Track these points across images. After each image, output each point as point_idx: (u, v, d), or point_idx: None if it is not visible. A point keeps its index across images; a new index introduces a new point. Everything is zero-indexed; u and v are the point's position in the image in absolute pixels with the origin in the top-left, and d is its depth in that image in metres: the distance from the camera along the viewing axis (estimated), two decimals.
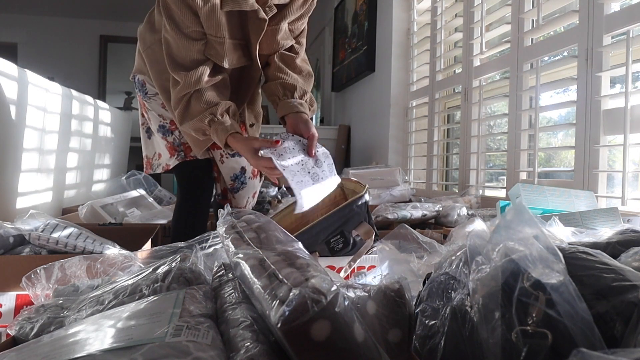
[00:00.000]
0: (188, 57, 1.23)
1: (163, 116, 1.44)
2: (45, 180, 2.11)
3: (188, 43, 1.21)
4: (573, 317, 0.41)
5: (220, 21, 1.21)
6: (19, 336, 0.67)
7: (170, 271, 0.70)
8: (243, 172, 1.51)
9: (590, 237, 0.79)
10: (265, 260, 0.54)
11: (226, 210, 0.81)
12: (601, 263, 0.49)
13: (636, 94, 1.38)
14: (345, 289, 0.60)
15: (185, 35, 1.20)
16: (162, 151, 1.47)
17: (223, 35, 1.23)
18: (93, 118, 2.73)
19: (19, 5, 5.08)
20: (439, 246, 1.13)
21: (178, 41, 1.21)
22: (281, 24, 1.31)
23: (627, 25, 1.39)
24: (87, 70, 5.49)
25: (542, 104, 1.78)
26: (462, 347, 0.50)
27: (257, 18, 1.23)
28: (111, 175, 3.23)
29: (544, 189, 1.31)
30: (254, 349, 0.47)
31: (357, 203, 1.09)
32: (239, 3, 1.18)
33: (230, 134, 1.18)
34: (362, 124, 3.44)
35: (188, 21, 1.18)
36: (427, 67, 2.69)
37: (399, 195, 2.25)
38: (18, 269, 0.91)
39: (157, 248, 1.00)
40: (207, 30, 1.21)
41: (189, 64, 1.23)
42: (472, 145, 2.22)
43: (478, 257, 0.51)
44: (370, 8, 3.16)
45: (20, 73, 1.79)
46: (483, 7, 2.11)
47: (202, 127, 1.21)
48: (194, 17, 1.18)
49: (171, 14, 1.19)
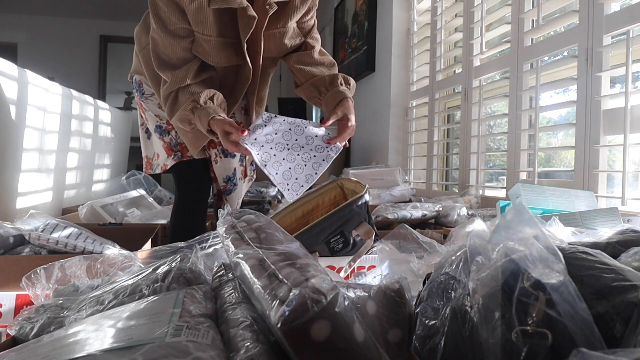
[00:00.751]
0: (174, 55, 1.23)
1: (160, 116, 1.44)
2: (45, 180, 2.11)
3: (174, 40, 1.21)
4: (573, 317, 0.41)
5: (207, 19, 1.20)
6: (19, 336, 0.67)
7: (170, 271, 0.70)
8: (234, 174, 1.52)
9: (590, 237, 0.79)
10: (265, 260, 0.54)
11: (226, 210, 0.81)
12: (601, 263, 0.49)
13: (636, 94, 1.37)
14: (345, 289, 0.60)
15: (171, 32, 1.20)
16: (160, 151, 1.47)
17: (210, 33, 1.22)
18: (93, 118, 2.73)
19: (19, 5, 5.08)
20: (439, 246, 1.13)
21: (164, 39, 1.21)
22: (288, 24, 1.31)
23: (627, 25, 1.39)
24: (87, 70, 5.49)
25: (542, 104, 1.77)
26: (462, 347, 0.50)
27: (246, 15, 1.21)
28: (111, 175, 3.23)
29: (544, 189, 1.31)
30: (254, 349, 0.47)
31: (357, 203, 1.09)
32: (226, 0, 1.17)
33: (212, 118, 1.17)
34: (362, 124, 3.44)
35: (175, 18, 1.18)
36: (427, 67, 2.69)
37: (399, 195, 2.25)
38: (18, 269, 0.91)
39: (157, 248, 1.00)
40: (194, 27, 1.21)
41: (175, 62, 1.23)
42: (472, 145, 2.22)
43: (478, 257, 0.51)
44: (370, 8, 3.16)
45: (20, 73, 1.79)
46: (483, 7, 2.11)
47: (186, 115, 1.21)
48: (180, 14, 1.18)
49: (157, 11, 1.19)
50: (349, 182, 1.26)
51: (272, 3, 1.23)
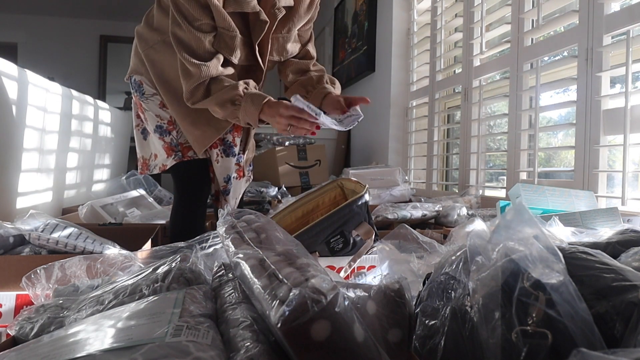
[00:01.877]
0: (200, 49, 1.25)
1: (160, 116, 1.44)
2: (45, 180, 2.11)
3: (199, 35, 1.23)
4: (573, 317, 0.41)
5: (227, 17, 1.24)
6: (19, 336, 0.67)
7: (170, 271, 0.70)
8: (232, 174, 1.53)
9: (590, 237, 0.79)
10: (265, 260, 0.54)
11: (226, 210, 0.81)
12: (601, 263, 0.49)
13: (636, 94, 1.37)
14: (345, 289, 0.60)
15: (195, 28, 1.22)
16: (159, 151, 1.47)
17: (235, 29, 1.25)
18: (93, 118, 2.72)
19: (19, 5, 5.08)
20: (439, 246, 1.13)
21: (189, 34, 1.23)
22: (292, 31, 1.37)
23: (627, 25, 1.39)
24: (87, 70, 5.48)
25: (542, 104, 1.77)
26: (462, 347, 0.50)
27: (259, 20, 1.26)
28: (111, 175, 3.22)
29: (544, 189, 1.31)
30: (254, 349, 0.47)
31: (357, 203, 1.09)
32: (240, 5, 1.21)
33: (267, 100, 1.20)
34: (362, 124, 3.42)
35: (197, 14, 1.21)
36: (427, 67, 2.69)
37: (399, 195, 2.25)
38: (18, 269, 0.91)
39: (157, 248, 1.00)
40: (218, 23, 1.24)
41: (202, 54, 1.25)
42: (472, 145, 2.22)
43: (478, 257, 0.51)
44: (370, 8, 3.16)
45: (20, 73, 1.79)
46: (483, 7, 2.11)
47: (233, 96, 1.21)
48: (203, 10, 1.21)
49: (180, 8, 1.21)
50: (349, 182, 1.26)
51: (281, 7, 1.27)
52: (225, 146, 1.47)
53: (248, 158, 1.60)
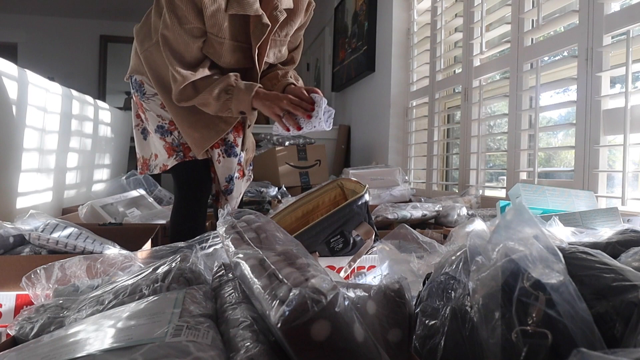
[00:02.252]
0: (188, 54, 1.25)
1: (162, 116, 1.44)
2: (45, 180, 2.11)
3: (188, 39, 1.23)
4: (573, 317, 0.41)
5: (223, 22, 1.24)
6: (19, 336, 0.67)
7: (170, 271, 0.70)
8: (234, 173, 1.53)
9: (590, 237, 0.79)
10: (265, 260, 0.54)
11: (226, 210, 0.81)
12: (601, 263, 0.49)
13: (636, 94, 1.37)
14: (345, 289, 0.60)
15: (185, 31, 1.22)
16: (160, 151, 1.47)
17: (224, 36, 1.26)
18: (93, 118, 2.72)
19: (19, 5, 5.08)
20: (439, 246, 1.13)
21: (178, 37, 1.23)
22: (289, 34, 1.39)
23: (627, 25, 1.39)
24: (87, 70, 5.48)
25: (542, 104, 1.77)
26: (462, 347, 0.50)
27: (260, 23, 1.26)
28: (111, 175, 3.22)
29: (544, 189, 1.31)
30: (254, 349, 0.47)
31: (357, 203, 1.09)
32: (243, 7, 1.21)
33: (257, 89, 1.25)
34: (362, 124, 3.44)
35: (191, 17, 1.20)
36: (427, 67, 2.69)
37: (399, 195, 2.25)
38: (18, 269, 0.91)
39: (157, 248, 1.00)
40: (209, 29, 1.24)
41: (189, 60, 1.26)
42: (472, 145, 2.22)
43: (478, 257, 0.51)
44: (370, 8, 3.16)
45: (20, 73, 1.79)
46: (483, 7, 2.11)
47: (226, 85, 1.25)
48: (197, 14, 1.21)
49: (174, 8, 1.21)
50: (349, 182, 1.26)
51: (282, 10, 1.27)
52: (227, 146, 1.47)
53: (248, 158, 1.60)
